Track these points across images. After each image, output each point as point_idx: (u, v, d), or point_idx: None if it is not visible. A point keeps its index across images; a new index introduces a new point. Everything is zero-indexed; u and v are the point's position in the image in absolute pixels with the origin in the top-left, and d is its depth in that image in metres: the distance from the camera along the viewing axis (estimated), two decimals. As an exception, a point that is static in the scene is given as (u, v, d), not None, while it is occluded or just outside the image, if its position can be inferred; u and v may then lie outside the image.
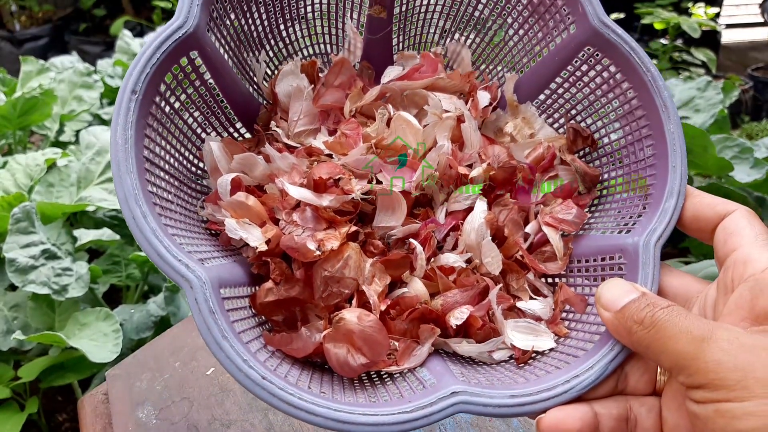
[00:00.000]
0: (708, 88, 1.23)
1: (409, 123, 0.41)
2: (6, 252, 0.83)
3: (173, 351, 0.55)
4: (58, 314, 0.91)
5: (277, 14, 0.43)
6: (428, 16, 0.46)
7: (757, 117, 2.28)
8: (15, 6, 2.92)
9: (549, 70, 0.42)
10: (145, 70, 0.33)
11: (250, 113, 0.43)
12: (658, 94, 0.37)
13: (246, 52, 0.42)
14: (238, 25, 0.40)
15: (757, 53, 2.97)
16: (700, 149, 0.99)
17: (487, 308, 0.36)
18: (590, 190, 0.41)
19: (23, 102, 1.17)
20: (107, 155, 1.01)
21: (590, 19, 0.39)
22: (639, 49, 0.38)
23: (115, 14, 3.00)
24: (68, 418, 1.10)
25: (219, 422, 0.47)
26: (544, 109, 0.44)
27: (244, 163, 0.38)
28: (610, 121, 0.40)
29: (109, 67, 1.54)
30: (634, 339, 0.29)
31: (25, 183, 1.01)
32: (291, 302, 0.36)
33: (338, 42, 0.46)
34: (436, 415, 0.30)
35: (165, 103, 0.35)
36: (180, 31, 0.34)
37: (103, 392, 0.53)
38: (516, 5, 0.43)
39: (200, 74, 0.37)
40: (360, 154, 0.39)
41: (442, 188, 0.41)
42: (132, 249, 1.08)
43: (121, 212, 1.11)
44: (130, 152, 0.31)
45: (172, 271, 0.30)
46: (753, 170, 1.05)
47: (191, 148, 0.39)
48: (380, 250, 0.39)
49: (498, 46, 0.46)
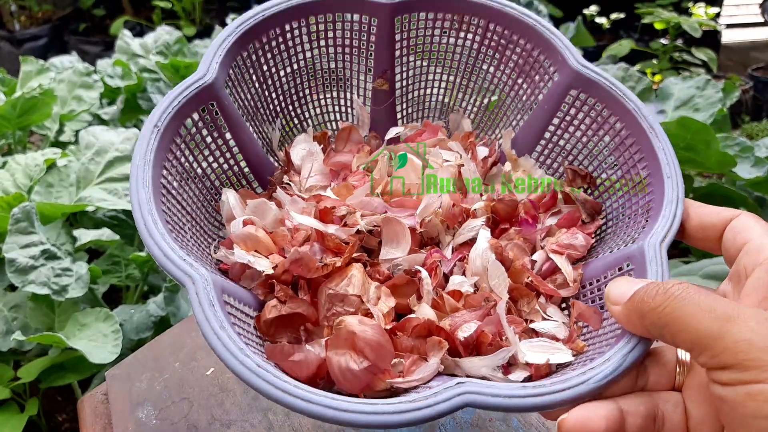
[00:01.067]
0: (707, 87, 1.23)
1: (410, 162, 0.44)
2: (6, 252, 0.83)
3: (173, 351, 0.55)
4: (57, 314, 0.91)
5: (291, 90, 0.47)
6: (427, 89, 0.50)
7: (758, 117, 2.28)
8: (15, 6, 2.91)
9: (541, 120, 0.45)
10: (167, 109, 0.37)
11: (264, 171, 0.45)
12: (644, 118, 0.39)
13: (262, 118, 0.46)
14: (255, 92, 0.45)
15: (757, 53, 2.97)
16: (702, 145, 0.98)
17: (496, 323, 0.35)
18: (594, 219, 0.42)
19: (23, 102, 1.17)
20: (106, 155, 1.01)
21: (570, 63, 0.42)
22: (617, 81, 0.41)
23: (115, 14, 3.00)
24: (68, 418, 1.10)
25: (219, 422, 0.47)
26: (542, 160, 0.46)
27: (257, 209, 0.40)
28: (605, 157, 0.42)
29: (108, 67, 1.54)
30: (648, 322, 0.28)
31: (24, 183, 1.01)
32: (296, 320, 0.36)
33: (347, 112, 0.50)
34: (442, 405, 0.27)
35: (185, 145, 0.39)
36: (200, 81, 0.38)
37: (102, 392, 0.53)
38: (505, 70, 0.47)
39: (218, 126, 0.41)
40: (364, 195, 0.41)
41: (448, 230, 0.42)
42: (132, 249, 1.08)
43: (121, 213, 1.11)
44: (148, 172, 0.34)
45: (175, 268, 0.31)
46: (754, 168, 1.05)
47: (207, 195, 0.41)
48: (385, 277, 0.38)
49: (493, 112, 0.49)
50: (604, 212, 0.42)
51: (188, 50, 1.63)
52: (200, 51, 1.63)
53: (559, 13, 2.33)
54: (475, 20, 0.46)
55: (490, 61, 0.47)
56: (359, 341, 0.32)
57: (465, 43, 0.47)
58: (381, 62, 0.48)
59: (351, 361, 0.32)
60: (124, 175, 0.99)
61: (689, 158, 1.04)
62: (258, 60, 0.44)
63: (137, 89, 1.51)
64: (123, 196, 0.97)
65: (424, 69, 0.49)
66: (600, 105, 0.41)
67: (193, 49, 1.64)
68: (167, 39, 1.63)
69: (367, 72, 0.48)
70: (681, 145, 1.00)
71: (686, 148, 1.01)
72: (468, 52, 0.48)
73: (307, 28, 0.45)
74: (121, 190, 0.97)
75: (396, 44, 0.47)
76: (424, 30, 0.47)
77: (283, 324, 0.36)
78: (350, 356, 0.32)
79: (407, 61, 0.48)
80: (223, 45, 0.41)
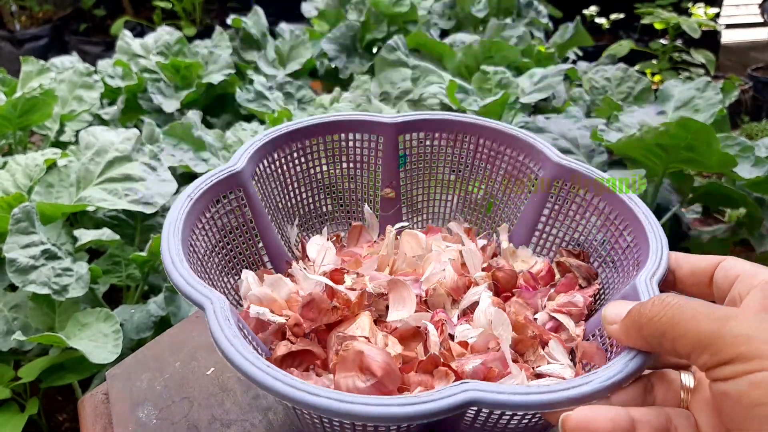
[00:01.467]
0: (707, 89, 1.23)
1: (415, 236, 0.49)
2: (6, 252, 0.83)
3: (173, 351, 0.55)
4: (58, 314, 0.91)
5: (308, 196, 0.54)
6: (429, 197, 0.57)
7: (757, 117, 2.28)
8: (15, 6, 2.91)
9: (533, 213, 0.51)
10: (200, 185, 0.43)
11: (280, 260, 0.50)
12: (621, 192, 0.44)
13: (282, 215, 0.52)
14: (278, 193, 0.51)
15: (756, 53, 2.97)
16: (703, 145, 0.98)
17: (501, 359, 0.36)
18: (591, 283, 0.46)
19: (23, 102, 1.17)
20: (107, 155, 1.01)
21: (551, 158, 0.48)
22: (593, 167, 0.47)
23: (116, 14, 3.00)
24: (68, 418, 1.10)
25: (219, 422, 0.47)
26: (538, 251, 0.51)
27: (273, 284, 0.43)
28: (594, 235, 0.47)
29: (109, 68, 1.54)
30: (646, 332, 0.28)
31: (24, 183, 1.01)
32: (306, 359, 0.38)
33: (358, 218, 0.56)
34: (446, 401, 0.28)
35: (213, 220, 0.44)
36: (230, 169, 0.45)
37: (103, 392, 0.53)
38: (499, 180, 0.53)
39: (243, 211, 0.47)
40: (373, 269, 0.46)
41: (454, 303, 0.45)
42: (132, 249, 1.08)
43: (122, 213, 1.11)
44: (178, 227, 0.39)
45: (194, 291, 0.34)
46: (754, 168, 1.05)
47: (226, 269, 0.46)
48: (393, 329, 0.40)
49: (489, 216, 0.55)
50: (600, 279, 0.46)
51: (188, 50, 1.64)
52: (200, 51, 1.63)
53: (558, 14, 2.33)
54: (467, 137, 0.53)
55: (483, 169, 0.54)
56: (366, 359, 0.33)
57: (461, 157, 0.54)
58: (388, 174, 0.55)
59: (358, 380, 0.33)
60: (123, 175, 0.99)
61: (690, 158, 1.04)
62: (280, 167, 0.51)
63: (138, 89, 1.51)
64: (123, 196, 0.97)
65: (426, 180, 0.56)
66: (583, 190, 0.47)
67: (194, 50, 1.64)
68: (168, 39, 1.63)
69: (376, 182, 0.55)
70: (682, 145, 1.00)
71: (687, 148, 1.01)
72: (464, 164, 0.55)
73: (324, 144, 0.53)
74: (121, 190, 0.98)
75: (400, 158, 0.54)
76: (425, 146, 0.54)
77: (294, 362, 0.37)
78: (357, 376, 0.33)
79: (411, 173, 0.55)
80: (253, 144, 0.48)
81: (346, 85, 1.74)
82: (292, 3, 2.25)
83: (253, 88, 1.40)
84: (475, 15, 1.93)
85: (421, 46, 1.65)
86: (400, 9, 1.78)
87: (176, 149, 1.17)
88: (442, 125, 0.53)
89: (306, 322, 0.39)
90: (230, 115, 1.61)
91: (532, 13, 1.97)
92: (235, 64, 1.59)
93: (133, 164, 1.00)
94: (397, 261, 0.48)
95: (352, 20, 1.80)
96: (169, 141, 1.17)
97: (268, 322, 0.40)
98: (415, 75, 1.43)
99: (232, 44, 1.63)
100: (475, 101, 1.27)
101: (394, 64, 1.47)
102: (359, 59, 1.79)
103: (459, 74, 1.55)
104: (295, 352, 0.37)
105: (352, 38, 1.78)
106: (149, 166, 1.01)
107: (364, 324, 0.39)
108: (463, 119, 0.53)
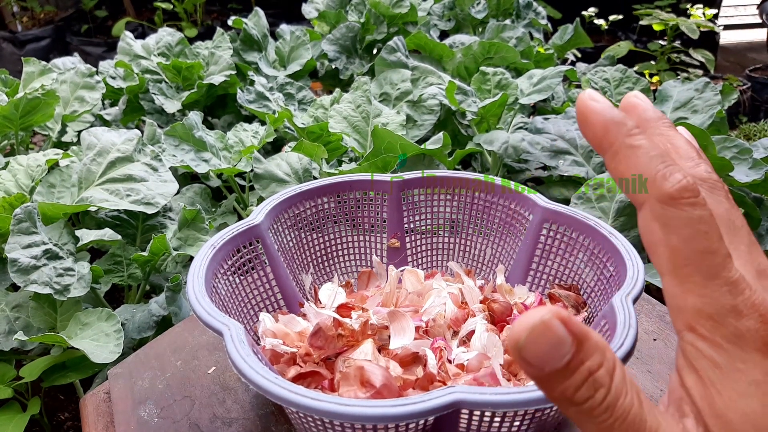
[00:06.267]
0: (706, 90, 1.24)
1: (415, 273, 0.55)
2: (8, 252, 0.84)
3: (175, 350, 0.55)
4: (59, 314, 0.91)
5: (321, 248, 0.60)
6: (431, 245, 0.62)
7: (755, 118, 2.29)
8: (17, 7, 2.92)
9: (526, 254, 0.56)
10: (223, 236, 0.49)
11: (295, 305, 0.55)
12: (603, 227, 0.49)
13: (297, 264, 0.57)
14: (293, 245, 0.57)
15: (755, 54, 2.98)
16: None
17: (492, 375, 0.41)
18: (579, 311, 0.50)
19: (25, 103, 1.17)
20: (108, 156, 1.02)
21: (540, 204, 0.54)
22: (577, 210, 0.52)
23: (117, 15, 3.00)
24: (70, 416, 1.10)
25: (220, 420, 0.47)
26: (533, 288, 0.56)
27: (287, 322, 0.48)
28: (582, 270, 0.52)
29: (110, 68, 1.55)
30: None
31: (26, 183, 1.02)
32: (314, 380, 0.42)
33: (367, 266, 0.62)
34: (433, 402, 0.31)
35: (234, 267, 0.50)
36: (250, 222, 0.51)
37: (105, 391, 0.53)
38: (494, 227, 0.59)
39: (261, 260, 0.53)
40: (376, 304, 0.50)
41: (455, 335, 0.48)
42: (134, 249, 1.08)
43: (123, 213, 1.12)
44: (202, 271, 0.44)
45: (215, 321, 0.38)
46: (752, 171, 1.05)
47: (245, 311, 0.51)
48: (394, 355, 0.44)
49: (488, 259, 0.60)
50: (588, 308, 0.50)
51: (190, 51, 1.64)
52: (202, 52, 1.64)
53: (557, 15, 2.34)
54: (463, 191, 0.59)
55: (479, 218, 0.60)
56: (366, 373, 0.37)
57: (459, 210, 0.60)
58: (393, 226, 0.61)
59: (359, 392, 0.37)
60: (125, 175, 1.00)
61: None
62: (296, 223, 0.57)
63: (139, 90, 1.51)
64: (124, 196, 0.98)
65: (427, 231, 0.61)
66: (569, 229, 0.52)
67: (195, 51, 1.65)
68: (169, 40, 1.64)
69: (383, 234, 0.61)
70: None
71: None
72: (462, 214, 0.60)
73: (335, 202, 0.59)
74: (123, 191, 0.98)
75: (403, 212, 0.60)
76: (425, 201, 0.60)
77: (303, 383, 0.41)
78: (358, 389, 0.37)
79: (413, 225, 0.61)
80: (270, 202, 0.54)
81: (347, 86, 1.75)
82: (293, 4, 2.26)
83: (253, 89, 1.40)
84: (474, 16, 1.94)
85: (420, 47, 1.65)
86: (399, 10, 1.79)
87: (177, 150, 1.17)
88: (440, 181, 0.59)
89: (315, 350, 0.43)
90: (231, 115, 1.61)
91: (531, 14, 1.98)
92: (236, 65, 1.59)
93: (135, 165, 1.01)
94: (400, 297, 0.52)
95: (352, 21, 1.80)
96: (170, 141, 1.18)
97: (281, 353, 0.44)
98: (415, 76, 1.44)
99: (232, 45, 1.63)
100: (474, 102, 1.28)
101: (394, 65, 1.48)
102: (359, 60, 1.79)
103: (458, 75, 1.56)
104: (305, 373, 0.42)
105: (353, 39, 1.79)
106: (151, 167, 1.01)
107: (367, 349, 0.43)
108: (460, 176, 0.59)
